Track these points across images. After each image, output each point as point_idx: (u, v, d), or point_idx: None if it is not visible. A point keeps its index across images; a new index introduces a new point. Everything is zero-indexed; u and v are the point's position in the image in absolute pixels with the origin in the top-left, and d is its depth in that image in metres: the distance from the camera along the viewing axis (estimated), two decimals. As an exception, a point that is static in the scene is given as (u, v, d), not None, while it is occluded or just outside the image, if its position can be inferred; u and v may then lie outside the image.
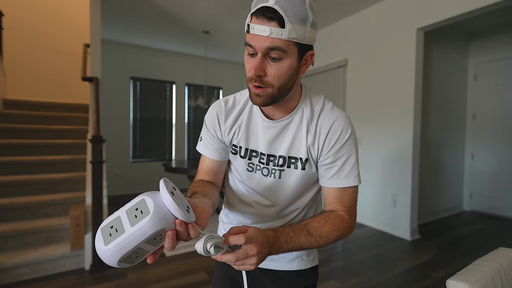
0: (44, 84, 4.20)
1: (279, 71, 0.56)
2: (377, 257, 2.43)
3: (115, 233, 0.42)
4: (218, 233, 0.90)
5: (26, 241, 2.13)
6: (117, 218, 0.43)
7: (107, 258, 0.42)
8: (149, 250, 0.45)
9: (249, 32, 0.55)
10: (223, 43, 4.49)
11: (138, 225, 0.42)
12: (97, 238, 0.43)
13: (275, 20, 0.52)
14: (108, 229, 0.43)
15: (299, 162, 0.68)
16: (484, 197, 3.70)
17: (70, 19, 4.36)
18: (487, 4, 2.22)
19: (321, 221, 0.63)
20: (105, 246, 0.41)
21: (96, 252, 2.59)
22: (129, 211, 0.44)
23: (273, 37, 0.53)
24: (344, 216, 0.66)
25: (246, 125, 0.70)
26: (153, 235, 0.43)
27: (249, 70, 0.57)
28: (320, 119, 0.67)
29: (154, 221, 0.42)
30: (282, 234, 0.57)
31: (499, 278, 0.75)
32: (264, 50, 0.54)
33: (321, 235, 0.61)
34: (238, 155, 0.72)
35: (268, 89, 0.58)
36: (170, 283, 1.96)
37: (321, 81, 3.86)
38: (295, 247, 0.58)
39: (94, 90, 2.76)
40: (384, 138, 3.05)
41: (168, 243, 0.44)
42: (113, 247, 0.41)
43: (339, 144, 0.65)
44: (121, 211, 0.44)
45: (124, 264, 0.43)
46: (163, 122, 5.05)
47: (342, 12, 3.33)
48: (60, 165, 2.80)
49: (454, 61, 3.63)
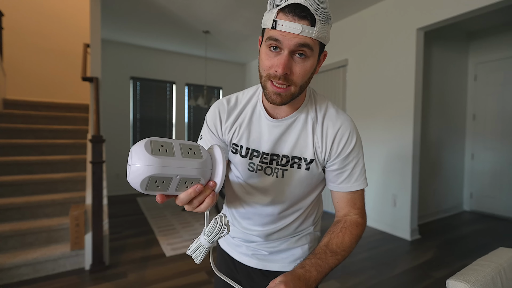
0: (44, 84, 4.20)
1: (304, 69, 0.56)
2: (377, 257, 2.43)
3: (164, 152, 0.41)
4: None
5: (26, 241, 2.13)
6: (170, 143, 0.43)
7: (143, 166, 0.39)
8: (171, 188, 0.44)
9: (275, 28, 0.52)
10: (223, 43, 4.49)
11: (188, 160, 0.43)
12: (142, 145, 0.40)
13: (307, 19, 0.51)
14: (158, 145, 0.42)
15: (303, 162, 0.67)
16: (484, 197, 3.70)
17: (70, 19, 4.36)
18: (487, 4, 2.21)
19: (339, 235, 0.63)
20: (151, 155, 0.40)
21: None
22: (183, 146, 0.44)
23: (304, 35, 0.51)
24: (358, 219, 0.67)
25: (248, 124, 0.70)
26: (191, 178, 0.44)
27: (271, 67, 0.55)
28: (326, 122, 0.67)
29: (202, 167, 0.44)
30: (312, 267, 0.57)
31: (499, 278, 0.75)
32: (293, 47, 0.53)
33: (345, 249, 0.62)
34: (238, 155, 0.71)
35: (291, 87, 0.57)
36: (170, 283, 1.96)
37: (321, 81, 3.86)
38: (327, 271, 0.59)
39: (94, 90, 2.75)
40: (384, 138, 3.05)
41: (189, 194, 0.45)
42: (158, 160, 0.40)
43: (347, 150, 0.66)
44: (175, 141, 0.44)
45: (146, 185, 0.41)
46: (163, 122, 5.05)
47: (342, 12, 3.33)
48: (60, 165, 2.80)
49: (454, 61, 3.63)
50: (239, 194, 0.76)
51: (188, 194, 0.45)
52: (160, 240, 2.71)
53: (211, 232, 0.50)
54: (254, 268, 0.79)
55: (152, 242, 2.66)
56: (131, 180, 0.40)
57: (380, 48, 3.06)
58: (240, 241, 0.80)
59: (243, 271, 0.81)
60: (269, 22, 0.54)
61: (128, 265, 2.20)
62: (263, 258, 0.77)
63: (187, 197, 0.45)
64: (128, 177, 0.40)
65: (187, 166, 0.43)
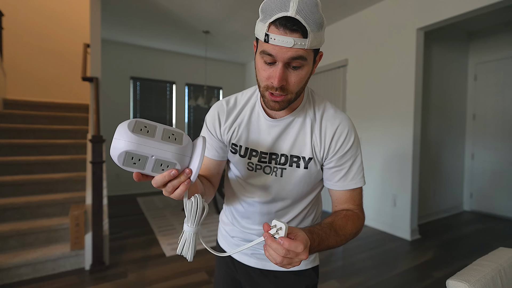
0: (44, 84, 4.20)
1: (299, 78, 0.57)
2: (377, 257, 2.43)
3: (145, 132, 0.45)
4: (218, 233, 0.90)
5: (26, 241, 2.13)
6: (154, 126, 0.46)
7: (122, 141, 0.43)
8: (147, 168, 0.46)
9: (267, 42, 0.53)
10: (223, 43, 4.49)
11: (167, 143, 0.45)
12: (127, 123, 0.44)
13: (298, 32, 0.50)
14: (141, 126, 0.45)
15: (302, 161, 0.68)
16: (484, 197, 3.70)
17: (70, 19, 4.36)
18: (487, 4, 2.22)
19: (343, 220, 0.64)
20: (131, 132, 0.43)
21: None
22: (166, 130, 0.47)
23: (296, 48, 0.52)
24: (359, 214, 0.69)
25: (247, 124, 0.71)
26: (166, 161, 0.46)
27: (268, 79, 0.57)
28: (324, 121, 0.68)
29: (178, 153, 0.46)
30: (317, 236, 0.56)
31: (499, 278, 0.75)
32: (287, 59, 0.53)
33: (345, 234, 0.62)
34: (237, 154, 0.72)
35: (288, 95, 0.59)
36: (170, 283, 1.96)
37: (321, 81, 3.86)
38: (324, 248, 0.58)
39: (94, 90, 2.76)
40: (384, 138, 3.05)
41: (163, 177, 0.46)
42: (137, 138, 0.43)
43: (345, 148, 0.66)
44: (160, 125, 0.47)
45: (123, 159, 0.44)
46: (163, 122, 5.05)
47: (342, 12, 3.33)
48: (60, 165, 2.80)
49: (454, 61, 3.63)
50: (238, 193, 0.77)
51: (163, 177, 0.47)
52: (160, 240, 2.71)
53: (190, 215, 0.52)
54: (253, 267, 0.79)
55: (152, 242, 2.66)
56: (111, 153, 0.44)
57: (380, 48, 3.06)
58: (240, 241, 0.80)
59: (243, 271, 0.81)
60: (261, 34, 0.54)
61: (128, 265, 2.20)
62: (262, 257, 0.78)
63: (161, 179, 0.47)
64: (110, 151, 0.44)
65: (163, 149, 0.45)
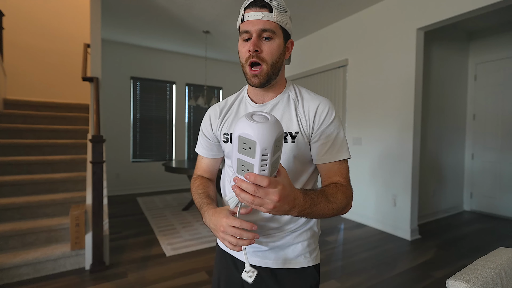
0: (44, 84, 4.20)
1: (271, 48, 0.68)
2: (377, 257, 2.43)
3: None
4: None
5: (26, 241, 2.13)
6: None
7: (266, 132, 0.46)
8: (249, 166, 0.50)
9: (243, 21, 0.67)
10: (223, 43, 4.49)
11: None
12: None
13: (265, 7, 0.66)
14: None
15: (289, 136, 0.72)
16: (484, 197, 3.71)
17: (70, 19, 4.36)
18: (487, 4, 2.22)
19: (333, 189, 0.67)
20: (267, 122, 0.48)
21: None
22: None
23: (265, 19, 0.65)
24: (348, 186, 0.71)
25: (236, 114, 0.79)
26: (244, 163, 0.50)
27: (246, 51, 0.68)
28: (306, 101, 0.75)
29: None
30: (310, 198, 0.59)
31: (499, 278, 0.75)
32: (258, 31, 0.66)
33: (336, 202, 0.64)
34: (229, 142, 0.78)
35: (263, 67, 0.68)
36: (170, 283, 1.96)
37: (321, 81, 3.86)
38: (315, 213, 0.60)
39: (95, 90, 2.76)
40: (384, 138, 3.05)
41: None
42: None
43: (327, 121, 0.72)
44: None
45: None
46: (163, 122, 5.06)
47: (342, 12, 3.33)
48: (60, 165, 2.80)
49: (454, 61, 3.63)
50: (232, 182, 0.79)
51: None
52: (160, 240, 2.71)
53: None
54: (255, 266, 0.79)
55: (152, 242, 2.66)
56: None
57: (380, 48, 3.06)
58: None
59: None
60: (239, 20, 0.70)
61: (128, 265, 2.21)
62: (263, 255, 0.78)
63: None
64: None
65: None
